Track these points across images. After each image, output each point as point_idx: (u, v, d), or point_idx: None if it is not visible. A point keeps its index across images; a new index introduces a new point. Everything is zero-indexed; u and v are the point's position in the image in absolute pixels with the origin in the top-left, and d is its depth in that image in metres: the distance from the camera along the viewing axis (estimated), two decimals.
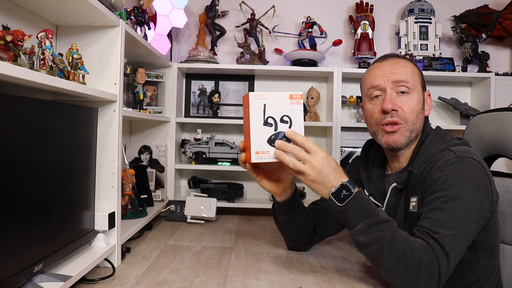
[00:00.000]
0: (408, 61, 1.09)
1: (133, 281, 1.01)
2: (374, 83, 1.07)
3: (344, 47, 2.15)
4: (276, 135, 0.94)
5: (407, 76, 1.04)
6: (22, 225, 0.78)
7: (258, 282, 1.02)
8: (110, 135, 1.14)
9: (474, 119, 1.24)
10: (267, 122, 0.94)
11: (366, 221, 0.90)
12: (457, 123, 2.07)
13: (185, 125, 2.12)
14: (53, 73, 0.87)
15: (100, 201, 1.12)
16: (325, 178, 0.92)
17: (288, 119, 0.95)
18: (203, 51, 1.98)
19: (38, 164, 0.84)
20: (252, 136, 0.93)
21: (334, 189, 0.92)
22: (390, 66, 1.06)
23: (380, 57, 1.13)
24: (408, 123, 1.03)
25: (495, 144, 1.15)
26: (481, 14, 2.09)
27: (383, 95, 1.05)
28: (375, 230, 0.89)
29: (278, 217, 1.20)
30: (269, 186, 1.09)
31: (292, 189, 1.14)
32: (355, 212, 0.92)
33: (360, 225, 0.91)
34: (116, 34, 1.14)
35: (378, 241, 0.89)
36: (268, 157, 0.94)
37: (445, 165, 0.94)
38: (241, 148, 1.02)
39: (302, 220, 1.20)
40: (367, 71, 1.13)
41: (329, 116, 2.03)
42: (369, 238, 0.90)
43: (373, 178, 1.17)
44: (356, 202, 0.92)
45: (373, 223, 0.90)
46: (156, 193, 1.82)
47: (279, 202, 1.15)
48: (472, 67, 2.11)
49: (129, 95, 1.63)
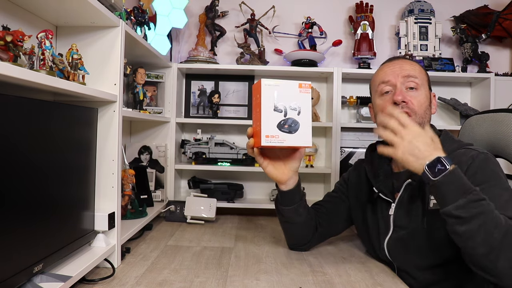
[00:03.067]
0: (416, 63, 1.15)
1: (133, 281, 1.01)
2: (385, 79, 1.11)
3: (344, 48, 2.15)
4: (286, 121, 0.98)
5: (415, 73, 1.10)
6: (22, 225, 0.78)
7: (258, 282, 1.02)
8: (110, 135, 1.14)
9: (470, 119, 1.24)
10: (277, 108, 0.98)
11: (468, 196, 0.85)
12: (457, 124, 2.07)
13: (185, 126, 2.12)
14: (53, 73, 0.87)
15: (100, 201, 1.12)
16: (417, 150, 0.89)
17: (297, 107, 0.99)
18: (203, 51, 1.98)
19: (38, 164, 0.84)
20: (263, 121, 0.97)
21: (429, 161, 0.88)
22: (400, 64, 1.12)
23: (389, 58, 1.20)
24: (417, 116, 1.06)
25: (491, 144, 1.15)
26: (481, 14, 2.09)
27: (393, 90, 1.09)
28: (478, 206, 0.85)
29: (281, 208, 1.21)
30: (274, 173, 1.12)
31: (296, 178, 1.16)
32: (454, 187, 0.86)
33: (462, 200, 0.85)
34: (116, 35, 1.14)
35: (482, 215, 0.84)
36: (277, 141, 0.98)
37: (473, 159, 0.98)
38: (249, 134, 1.06)
39: (304, 214, 1.21)
40: (377, 70, 1.18)
41: (329, 116, 2.03)
42: (472, 212, 0.84)
43: (381, 176, 1.17)
44: (455, 177, 0.87)
45: (476, 199, 0.85)
46: (156, 193, 1.82)
47: (283, 191, 1.16)
48: (472, 68, 2.11)
49: (129, 95, 1.63)
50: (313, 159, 2.01)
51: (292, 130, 0.99)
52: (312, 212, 1.26)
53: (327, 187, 1.95)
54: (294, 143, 0.99)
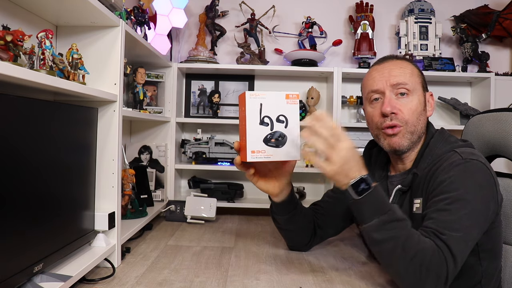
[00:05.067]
0: (407, 62, 1.09)
1: (133, 281, 1.01)
2: (373, 87, 1.06)
3: (344, 47, 2.15)
4: (272, 135, 0.94)
5: (405, 78, 1.04)
6: (22, 225, 0.78)
7: (258, 282, 1.02)
8: (110, 135, 1.14)
9: (473, 119, 1.24)
10: (263, 122, 0.94)
11: (382, 217, 0.87)
12: (457, 123, 2.07)
13: (185, 125, 2.12)
14: (53, 73, 0.87)
15: (100, 201, 1.12)
16: (348, 169, 0.88)
17: (284, 119, 0.95)
18: (203, 51, 1.98)
19: (38, 164, 0.84)
20: (248, 135, 0.93)
21: (354, 180, 0.88)
22: (389, 68, 1.06)
23: (379, 60, 1.13)
24: (408, 125, 1.02)
25: (494, 144, 1.15)
26: (481, 14, 2.09)
27: (382, 98, 1.05)
28: (390, 228, 0.87)
29: (275, 217, 1.20)
30: (265, 186, 1.09)
31: (289, 189, 1.14)
32: (371, 207, 0.89)
33: (375, 220, 0.88)
34: (116, 34, 1.14)
35: (392, 240, 0.87)
36: (263, 156, 0.94)
37: (450, 167, 0.94)
38: (237, 149, 1.03)
39: (300, 220, 1.19)
40: (366, 74, 1.13)
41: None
42: (384, 235, 0.87)
43: (376, 179, 1.16)
44: (373, 196, 0.89)
45: (388, 220, 0.87)
46: (156, 193, 1.82)
47: (276, 202, 1.15)
48: (472, 67, 2.11)
49: (129, 95, 1.63)
50: None
51: (280, 144, 0.94)
52: (310, 214, 1.24)
53: (327, 187, 1.95)
54: (282, 157, 0.95)
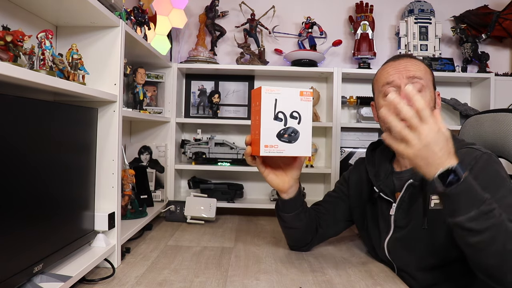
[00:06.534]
0: (421, 61, 1.12)
1: (133, 281, 1.01)
2: (389, 79, 1.08)
3: (344, 48, 2.15)
4: (285, 130, 0.96)
5: (421, 73, 1.07)
6: (22, 225, 0.78)
7: (258, 282, 1.02)
8: (110, 135, 1.14)
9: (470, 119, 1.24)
10: (277, 117, 0.95)
11: (481, 207, 0.80)
12: (457, 123, 2.07)
13: (185, 126, 2.12)
14: (53, 73, 0.87)
15: (100, 201, 1.12)
16: (432, 155, 0.79)
17: (298, 115, 0.97)
18: (203, 51, 1.98)
19: (38, 164, 0.84)
20: (263, 130, 0.95)
21: (442, 169, 0.80)
22: (405, 64, 1.09)
23: (393, 57, 1.16)
24: None
25: (492, 144, 1.15)
26: (481, 14, 2.09)
27: (397, 91, 1.06)
28: (491, 217, 0.80)
29: (282, 215, 1.20)
30: (275, 181, 1.11)
31: (297, 186, 1.15)
32: (466, 198, 0.81)
33: (474, 211, 0.80)
34: (116, 35, 1.14)
35: (494, 227, 0.80)
36: (276, 151, 0.95)
37: (476, 160, 0.95)
38: (247, 142, 1.03)
39: (306, 218, 1.20)
40: (380, 69, 1.15)
41: (329, 116, 2.03)
42: (484, 224, 0.80)
43: (382, 175, 1.16)
44: (468, 187, 0.81)
45: (488, 210, 0.80)
46: (156, 193, 1.82)
47: (284, 199, 1.15)
48: (472, 68, 2.11)
49: (129, 95, 1.63)
50: (313, 159, 2.01)
51: (292, 140, 0.96)
52: (313, 214, 1.25)
53: (327, 187, 1.95)
54: (293, 153, 0.97)
